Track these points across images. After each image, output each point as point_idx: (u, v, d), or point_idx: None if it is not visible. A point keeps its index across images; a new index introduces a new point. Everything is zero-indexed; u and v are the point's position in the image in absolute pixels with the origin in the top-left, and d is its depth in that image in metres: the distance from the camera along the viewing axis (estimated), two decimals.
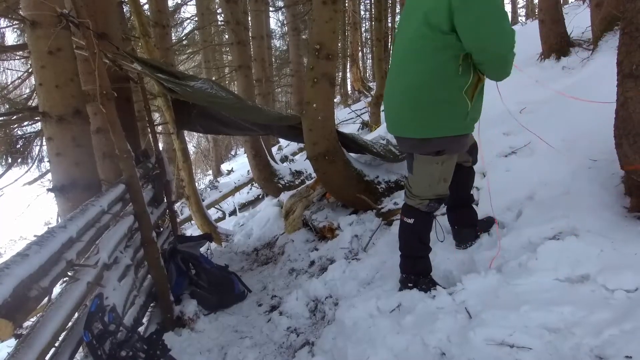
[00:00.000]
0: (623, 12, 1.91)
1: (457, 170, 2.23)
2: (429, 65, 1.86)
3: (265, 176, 6.93)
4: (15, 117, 3.89)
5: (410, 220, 2.17)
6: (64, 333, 1.77)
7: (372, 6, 15.47)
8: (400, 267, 2.28)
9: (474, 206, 2.53)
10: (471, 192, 2.49)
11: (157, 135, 5.42)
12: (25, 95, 5.41)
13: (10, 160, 4.52)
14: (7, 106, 4.87)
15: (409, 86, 1.95)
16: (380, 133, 5.05)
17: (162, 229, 3.72)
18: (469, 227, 2.46)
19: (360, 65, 18.10)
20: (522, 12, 20.95)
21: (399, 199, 3.36)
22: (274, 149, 11.13)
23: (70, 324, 1.82)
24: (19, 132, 4.70)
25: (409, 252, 2.24)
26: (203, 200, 7.12)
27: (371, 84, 16.38)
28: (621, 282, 1.68)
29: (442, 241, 2.45)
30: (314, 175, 4.87)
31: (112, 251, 2.22)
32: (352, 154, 3.79)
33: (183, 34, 13.08)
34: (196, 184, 7.28)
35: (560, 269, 1.87)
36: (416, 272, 2.22)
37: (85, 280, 1.87)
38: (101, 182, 2.77)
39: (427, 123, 1.94)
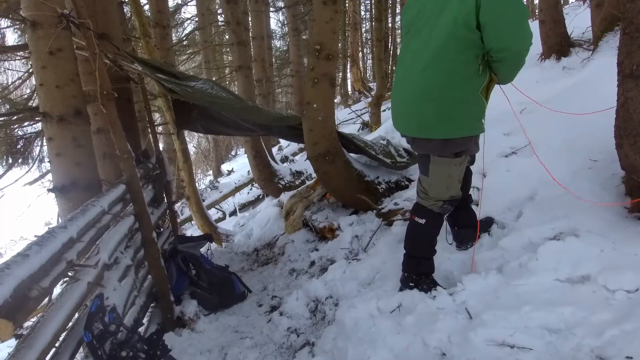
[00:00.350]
0: (623, 13, 1.91)
1: None
2: (453, 65, 1.86)
3: (266, 176, 6.93)
4: (15, 117, 3.90)
5: (422, 221, 2.16)
6: (64, 333, 1.77)
7: (372, 6, 15.47)
8: (403, 265, 2.28)
9: (474, 206, 2.53)
10: (470, 193, 2.49)
11: (158, 135, 5.42)
12: (25, 96, 5.42)
13: (10, 160, 4.52)
14: (8, 106, 4.87)
15: (431, 86, 1.92)
16: (381, 133, 5.05)
17: (162, 229, 3.72)
18: (468, 228, 2.46)
19: (361, 65, 18.10)
20: None
21: (399, 199, 3.36)
22: (274, 149, 11.13)
23: (70, 324, 1.82)
24: (20, 133, 4.71)
25: (415, 252, 2.23)
26: (203, 201, 7.12)
27: (371, 84, 16.39)
28: (622, 283, 1.68)
29: (450, 244, 2.45)
30: (314, 175, 4.87)
31: (112, 251, 2.22)
32: (352, 154, 3.79)
33: (183, 35, 13.10)
34: (196, 184, 7.28)
35: (560, 270, 1.87)
36: (419, 273, 2.22)
37: (86, 281, 1.87)
38: (101, 183, 2.77)
39: (450, 123, 1.93)
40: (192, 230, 7.63)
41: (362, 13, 18.85)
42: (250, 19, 8.93)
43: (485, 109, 1.98)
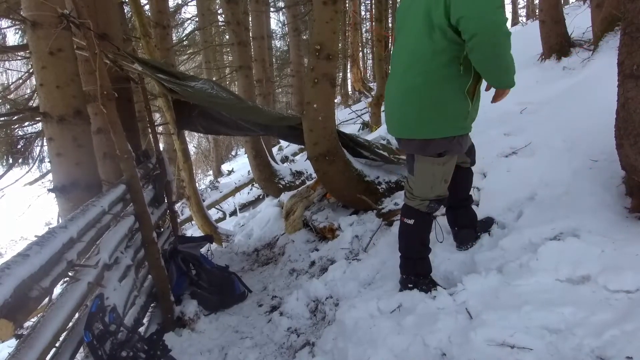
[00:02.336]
0: (624, 13, 1.90)
1: (456, 171, 2.22)
2: (431, 66, 1.86)
3: (266, 176, 6.93)
4: (16, 117, 3.90)
5: (411, 221, 2.18)
6: (64, 333, 1.77)
7: (372, 6, 15.46)
8: (401, 268, 2.28)
9: (474, 207, 2.53)
10: (470, 193, 2.48)
11: (158, 135, 5.42)
12: (26, 96, 5.42)
13: (11, 160, 4.53)
14: (8, 106, 4.87)
15: (411, 87, 1.94)
16: (381, 133, 5.05)
17: (162, 230, 3.72)
18: (469, 228, 2.46)
19: (361, 65, 18.08)
20: (522, 12, 20.95)
21: (399, 199, 3.36)
22: (275, 150, 11.13)
23: (70, 324, 1.82)
24: (20, 133, 4.71)
25: (410, 253, 2.24)
26: (204, 201, 7.12)
27: (372, 84, 16.37)
28: (622, 283, 1.68)
29: (441, 242, 2.44)
30: (314, 175, 4.87)
31: (112, 251, 2.22)
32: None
33: (184, 35, 13.10)
34: (197, 184, 7.28)
35: (561, 270, 1.86)
36: (416, 273, 2.22)
37: (86, 281, 1.87)
38: (102, 183, 2.77)
39: (429, 124, 1.94)
40: (192, 230, 7.63)
41: (362, 13, 18.84)
42: (250, 19, 8.92)
43: (469, 108, 1.93)
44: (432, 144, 1.98)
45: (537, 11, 12.88)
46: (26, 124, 4.37)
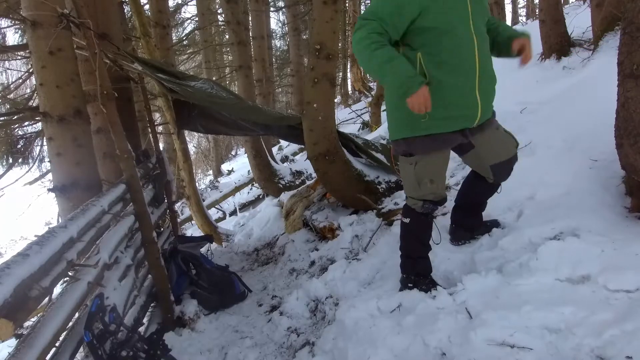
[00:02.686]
0: (624, 12, 1.90)
1: (479, 180, 2.24)
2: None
3: (266, 176, 6.93)
4: (16, 117, 3.90)
5: (407, 220, 2.21)
6: (64, 333, 1.77)
7: None
8: (401, 267, 2.29)
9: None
10: (485, 203, 2.41)
11: (158, 135, 5.42)
12: (26, 96, 5.42)
13: (11, 160, 4.53)
14: (8, 106, 4.87)
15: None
16: (381, 133, 5.05)
17: (162, 229, 3.72)
18: (467, 231, 2.48)
19: None
20: (522, 12, 20.95)
21: (399, 199, 3.36)
22: (275, 149, 11.13)
23: (70, 324, 1.82)
24: (20, 132, 4.71)
25: (409, 252, 2.25)
26: (203, 201, 7.12)
27: (371, 84, 16.37)
28: (622, 283, 1.67)
29: (438, 243, 2.43)
30: (314, 175, 4.87)
31: (112, 251, 2.23)
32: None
33: (184, 34, 13.11)
34: (196, 184, 7.29)
35: (561, 269, 1.86)
36: (416, 273, 2.22)
37: (86, 280, 1.87)
38: (102, 182, 2.77)
39: (391, 126, 2.12)
40: (192, 230, 7.63)
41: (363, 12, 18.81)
42: (250, 19, 8.93)
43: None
44: (395, 145, 2.12)
45: (537, 11, 12.88)
46: (26, 123, 4.37)
